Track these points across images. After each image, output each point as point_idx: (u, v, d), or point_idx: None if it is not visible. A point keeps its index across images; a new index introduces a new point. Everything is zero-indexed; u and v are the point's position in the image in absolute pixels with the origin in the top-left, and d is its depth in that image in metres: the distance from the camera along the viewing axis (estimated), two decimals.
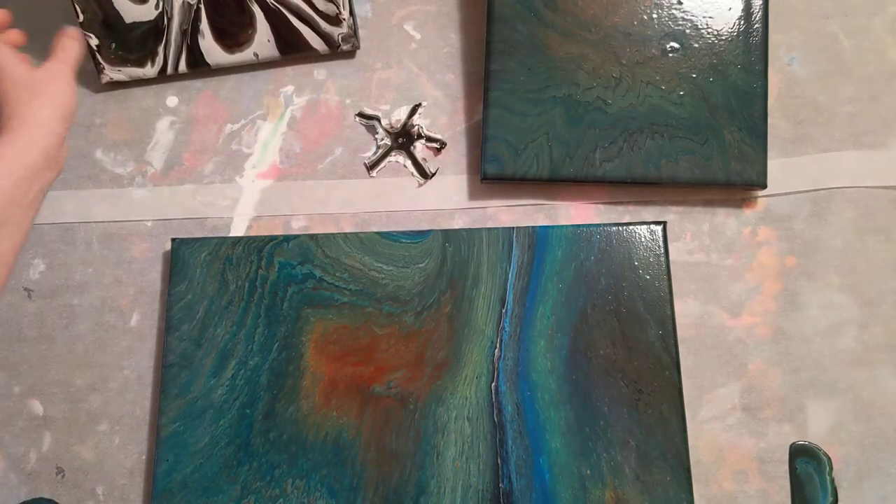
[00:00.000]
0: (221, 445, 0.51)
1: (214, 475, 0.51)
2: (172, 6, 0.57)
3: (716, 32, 0.55)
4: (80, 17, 0.57)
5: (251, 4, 0.57)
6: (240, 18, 0.58)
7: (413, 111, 0.59)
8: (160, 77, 0.60)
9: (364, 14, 0.61)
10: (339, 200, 0.58)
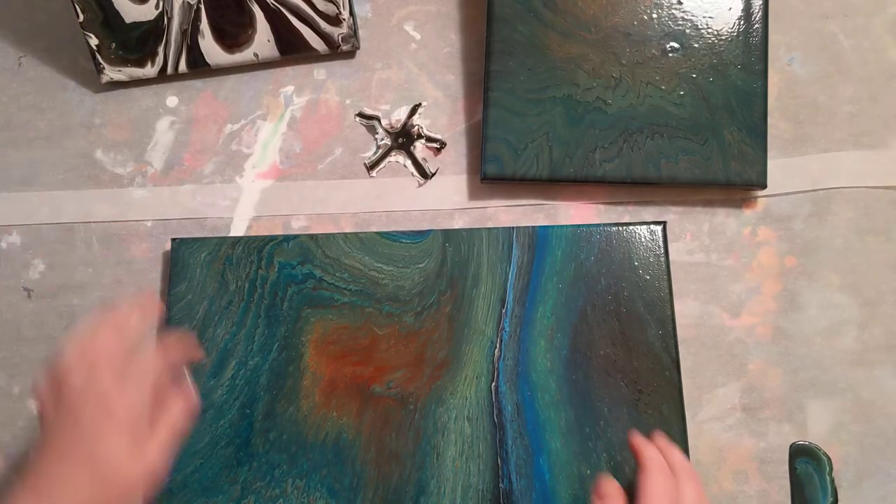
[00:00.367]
0: (221, 445, 0.51)
1: (214, 475, 0.51)
2: (172, 6, 0.57)
3: (716, 32, 0.55)
4: (80, 17, 0.57)
5: (251, 4, 0.57)
6: (240, 18, 0.58)
7: (413, 111, 0.59)
8: (160, 77, 0.60)
9: (364, 14, 0.61)
10: (339, 200, 0.58)
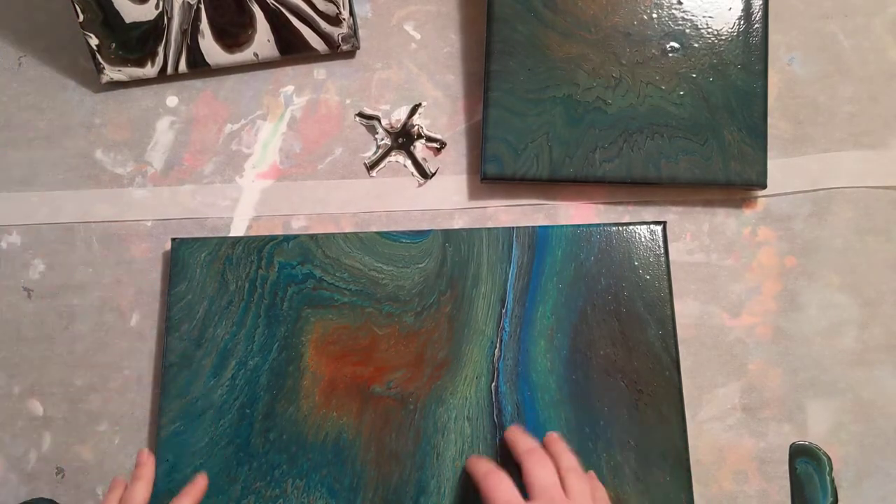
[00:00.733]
0: (221, 446, 0.51)
1: (214, 475, 0.51)
2: (172, 6, 0.57)
3: (716, 32, 0.55)
4: (80, 17, 0.57)
5: (251, 4, 0.57)
6: (240, 18, 0.58)
7: (413, 111, 0.59)
8: (160, 77, 0.60)
9: (364, 14, 0.61)
10: (339, 200, 0.58)
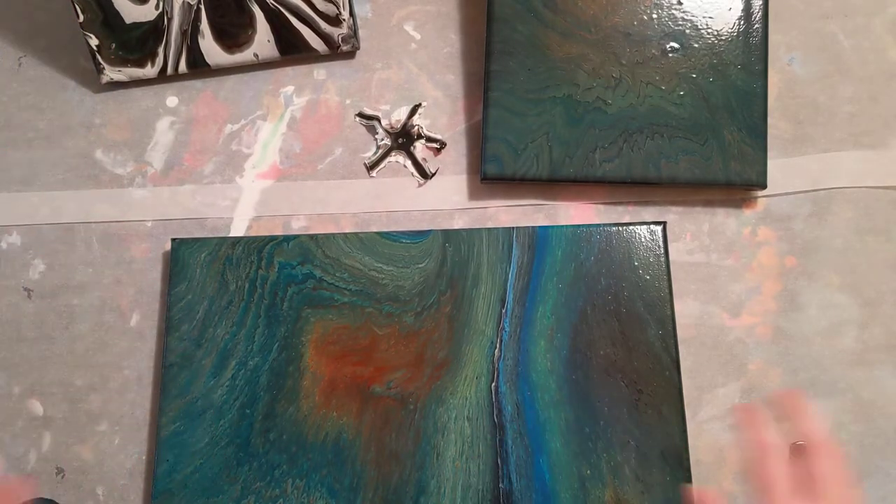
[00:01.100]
0: (221, 445, 0.51)
1: (214, 475, 0.51)
2: (172, 6, 0.57)
3: (716, 32, 0.55)
4: (80, 17, 0.57)
5: (251, 4, 0.57)
6: (240, 19, 0.58)
7: (413, 111, 0.59)
8: (160, 77, 0.60)
9: (364, 14, 0.61)
10: (339, 200, 0.58)
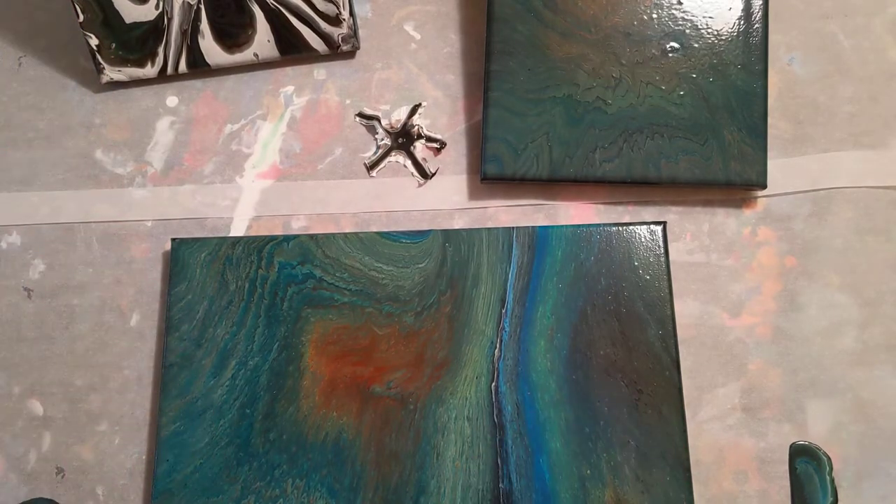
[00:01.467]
0: (221, 445, 0.51)
1: (214, 475, 0.51)
2: (172, 6, 0.57)
3: (716, 32, 0.55)
4: (80, 17, 0.57)
5: (251, 4, 0.57)
6: (240, 18, 0.58)
7: (413, 111, 0.59)
8: (160, 77, 0.60)
9: (364, 14, 0.61)
10: (339, 200, 0.58)
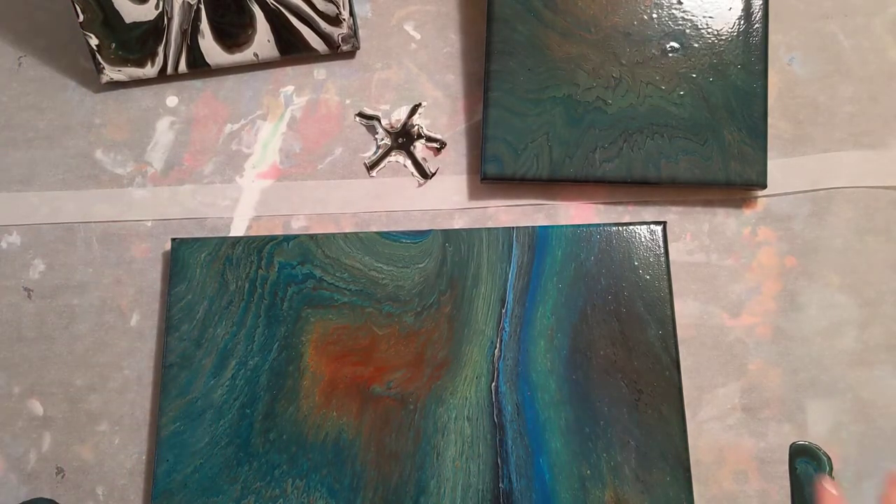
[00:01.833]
0: (221, 445, 0.51)
1: (214, 475, 0.51)
2: (172, 6, 0.57)
3: (716, 32, 0.55)
4: (80, 17, 0.57)
5: (251, 4, 0.57)
6: (240, 18, 0.58)
7: (413, 111, 0.59)
8: (160, 77, 0.60)
9: (364, 14, 0.61)
10: (339, 200, 0.58)
